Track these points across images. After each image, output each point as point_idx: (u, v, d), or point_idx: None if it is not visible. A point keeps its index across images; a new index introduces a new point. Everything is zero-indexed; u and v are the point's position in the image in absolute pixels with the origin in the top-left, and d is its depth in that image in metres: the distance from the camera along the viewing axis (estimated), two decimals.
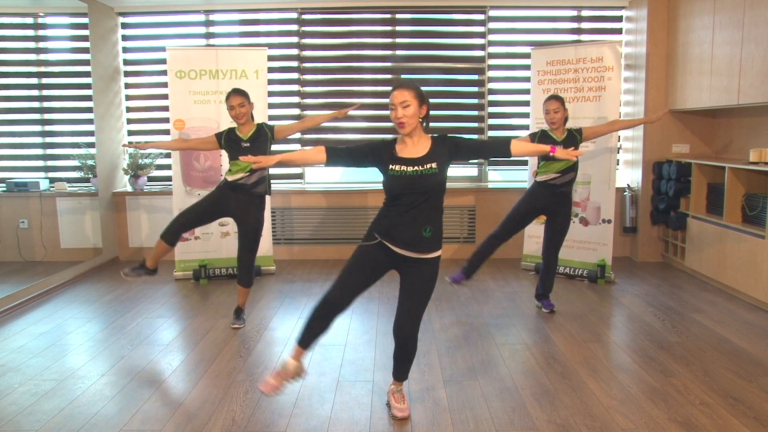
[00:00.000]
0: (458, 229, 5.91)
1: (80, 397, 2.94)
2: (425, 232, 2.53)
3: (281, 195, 5.84)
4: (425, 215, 2.52)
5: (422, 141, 2.57)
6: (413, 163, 2.51)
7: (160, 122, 5.95)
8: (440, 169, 2.52)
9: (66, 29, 5.73)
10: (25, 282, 4.67)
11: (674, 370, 3.19)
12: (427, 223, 2.53)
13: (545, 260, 4.14)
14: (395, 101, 2.48)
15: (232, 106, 3.73)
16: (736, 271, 4.48)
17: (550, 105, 3.93)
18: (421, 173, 2.49)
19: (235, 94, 3.74)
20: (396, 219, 2.53)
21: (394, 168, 2.51)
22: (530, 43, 5.72)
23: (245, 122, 3.79)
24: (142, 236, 5.93)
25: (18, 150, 5.69)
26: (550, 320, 4.02)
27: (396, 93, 2.49)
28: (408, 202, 2.51)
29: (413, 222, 2.51)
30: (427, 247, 2.57)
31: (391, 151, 2.55)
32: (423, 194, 2.50)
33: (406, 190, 2.50)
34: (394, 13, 5.91)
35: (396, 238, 2.54)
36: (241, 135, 3.80)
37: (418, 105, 2.50)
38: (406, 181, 2.49)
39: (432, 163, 2.51)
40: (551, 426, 2.62)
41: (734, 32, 4.48)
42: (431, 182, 2.50)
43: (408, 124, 2.49)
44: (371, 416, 2.73)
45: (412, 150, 2.54)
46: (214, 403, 2.86)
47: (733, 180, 4.59)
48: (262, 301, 4.52)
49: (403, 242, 2.54)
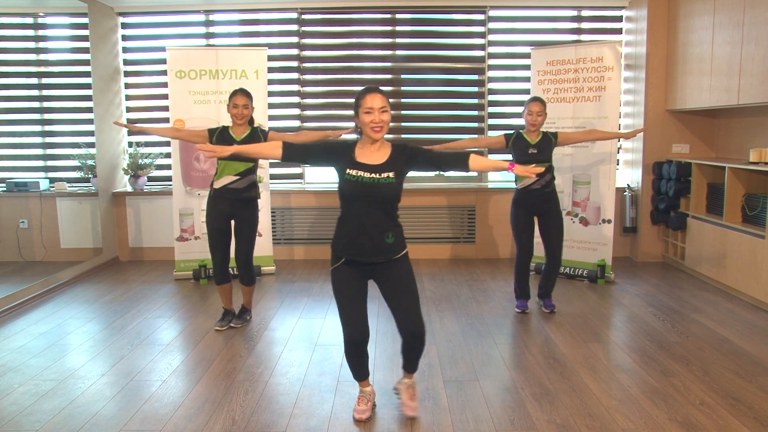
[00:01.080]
0: (458, 229, 5.91)
1: (80, 397, 2.94)
2: (387, 239, 2.53)
3: (281, 195, 5.84)
4: (383, 223, 2.52)
5: (383, 148, 2.56)
6: (371, 170, 2.50)
7: (160, 122, 5.94)
8: (397, 179, 2.52)
9: (66, 29, 5.73)
10: (25, 282, 4.67)
11: (674, 370, 3.19)
12: (387, 230, 2.53)
13: (547, 260, 4.15)
14: (375, 105, 2.47)
15: (237, 104, 3.71)
16: (736, 271, 4.48)
17: (534, 107, 3.93)
18: (377, 181, 2.49)
19: (242, 94, 3.73)
20: (354, 233, 2.52)
21: (351, 172, 2.50)
22: (530, 43, 5.73)
23: (243, 124, 3.78)
24: (142, 236, 5.93)
25: (18, 150, 5.69)
26: (550, 320, 4.02)
27: (376, 97, 2.48)
28: (362, 209, 2.50)
29: (372, 232, 2.51)
30: (392, 252, 2.56)
31: (350, 154, 2.54)
32: (379, 203, 2.50)
33: (360, 196, 2.49)
34: (394, 13, 5.91)
35: (359, 251, 2.54)
36: (234, 135, 3.78)
37: (389, 112, 2.53)
38: (361, 187, 2.48)
39: (389, 173, 2.50)
40: (551, 426, 2.62)
41: (734, 32, 4.48)
42: (386, 192, 2.49)
43: (384, 129, 2.51)
44: (371, 416, 2.73)
45: (372, 156, 2.54)
46: (214, 403, 2.86)
47: (733, 180, 4.59)
48: (262, 301, 4.52)
49: (368, 252, 2.53)
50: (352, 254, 2.55)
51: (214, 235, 3.80)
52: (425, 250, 5.88)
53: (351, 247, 2.54)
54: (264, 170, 5.24)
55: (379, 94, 2.50)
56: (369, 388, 2.78)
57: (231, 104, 3.73)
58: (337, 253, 2.60)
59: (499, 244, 5.90)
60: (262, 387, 3.04)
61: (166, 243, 5.79)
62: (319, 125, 5.90)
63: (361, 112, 2.49)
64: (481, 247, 5.93)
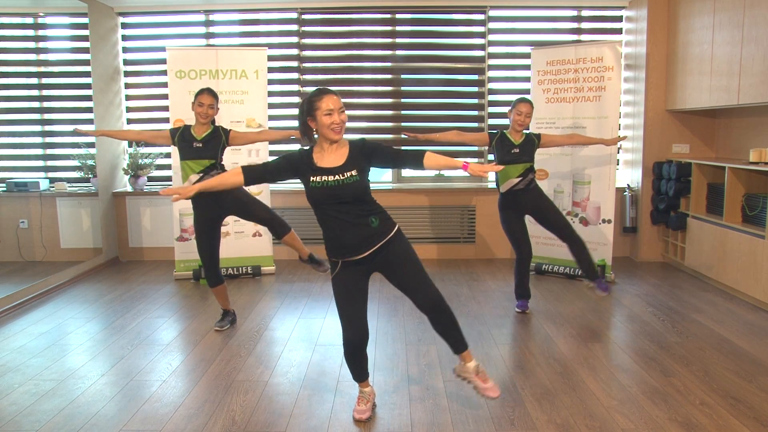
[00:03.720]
0: (458, 229, 5.91)
1: (80, 397, 2.94)
2: (372, 224, 2.53)
3: (281, 195, 5.84)
4: (362, 213, 2.52)
5: (341, 148, 2.56)
6: (333, 173, 2.49)
7: (160, 122, 5.94)
8: (360, 174, 2.51)
9: (66, 29, 5.73)
10: (25, 282, 4.67)
11: (674, 370, 3.19)
12: (368, 216, 2.53)
13: (569, 242, 4.04)
14: (335, 106, 2.49)
15: (202, 103, 3.68)
16: (736, 271, 4.48)
17: (523, 107, 3.93)
18: (342, 182, 2.48)
19: (209, 93, 3.71)
20: (339, 234, 2.52)
21: (315, 180, 2.50)
22: (530, 43, 5.73)
23: (205, 123, 3.76)
24: (142, 236, 5.93)
25: (18, 150, 5.69)
26: (550, 320, 4.02)
27: (333, 98, 2.50)
28: (336, 209, 2.50)
29: (354, 227, 2.51)
30: (382, 235, 2.55)
31: (309, 162, 2.54)
32: (350, 203, 2.50)
33: (330, 199, 2.49)
34: (394, 13, 5.91)
35: (351, 248, 2.53)
36: (195, 134, 3.75)
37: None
38: (328, 191, 2.48)
39: (352, 171, 2.50)
40: (551, 426, 2.62)
41: (734, 32, 4.48)
42: (353, 189, 2.49)
43: (343, 130, 2.53)
44: (371, 416, 2.73)
45: (331, 158, 2.53)
46: (214, 403, 2.86)
47: (733, 180, 4.59)
48: (262, 301, 4.52)
49: (359, 246, 2.53)
50: (345, 255, 2.55)
51: (201, 237, 3.76)
52: (425, 250, 5.88)
53: (341, 249, 2.54)
54: None
55: (334, 94, 2.53)
56: (369, 389, 2.78)
57: (196, 102, 3.70)
58: (332, 259, 2.60)
59: (499, 244, 5.90)
60: (262, 387, 3.04)
61: (166, 243, 5.79)
62: None
63: (320, 115, 2.49)
64: (481, 247, 5.93)
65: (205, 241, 3.76)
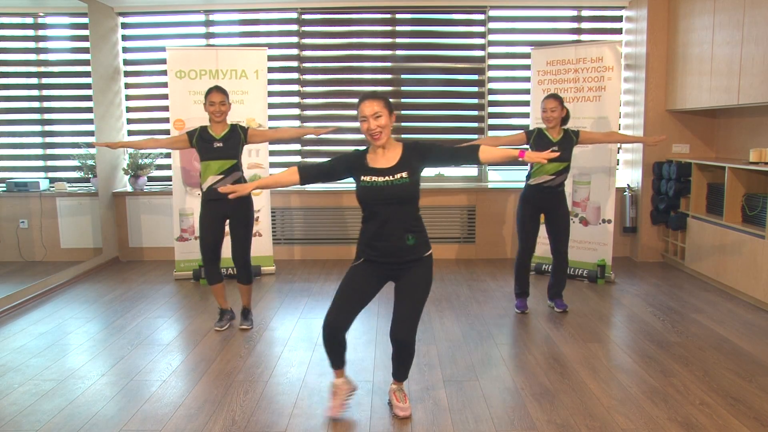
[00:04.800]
0: (458, 229, 5.91)
1: (80, 397, 2.94)
2: (408, 241, 2.54)
3: (281, 195, 5.84)
4: (403, 224, 2.53)
5: (393, 150, 2.57)
6: (384, 174, 2.51)
7: (160, 122, 5.95)
8: (411, 177, 2.53)
9: (66, 29, 5.73)
10: (25, 282, 4.67)
11: (674, 370, 3.19)
12: (408, 232, 2.54)
13: (556, 257, 4.13)
14: (367, 113, 2.48)
15: (213, 102, 3.68)
16: (736, 271, 4.48)
17: (547, 103, 3.94)
18: (392, 183, 2.50)
19: (218, 91, 3.70)
20: (376, 234, 2.54)
21: (365, 179, 2.53)
22: (530, 43, 5.72)
23: (221, 121, 3.75)
24: (142, 236, 5.93)
25: (18, 150, 5.69)
26: (550, 320, 4.02)
27: (366, 104, 2.49)
28: (382, 212, 2.51)
29: (393, 234, 2.52)
30: (414, 253, 2.58)
31: (362, 162, 2.57)
32: (396, 204, 2.51)
33: (378, 200, 2.51)
34: (394, 13, 5.91)
35: (381, 251, 2.55)
36: (213, 134, 3.75)
37: (389, 113, 2.52)
38: (377, 192, 2.50)
39: (403, 173, 2.51)
40: (551, 426, 2.62)
41: (734, 32, 4.48)
42: (403, 192, 2.51)
43: (384, 134, 2.51)
44: (371, 416, 2.73)
45: (383, 160, 2.55)
46: (214, 403, 2.86)
47: (733, 180, 4.59)
48: (262, 301, 4.52)
49: (389, 254, 2.55)
50: (371, 255, 2.58)
51: (205, 235, 3.78)
52: None
53: (371, 248, 2.57)
54: (264, 170, 5.24)
55: (372, 99, 2.50)
56: (341, 380, 2.76)
57: (207, 102, 3.70)
58: (359, 252, 2.63)
59: (499, 244, 5.90)
60: (262, 387, 3.04)
61: (166, 243, 5.79)
62: (318, 125, 5.90)
63: (361, 122, 2.52)
64: (481, 247, 5.93)
65: (210, 236, 3.77)
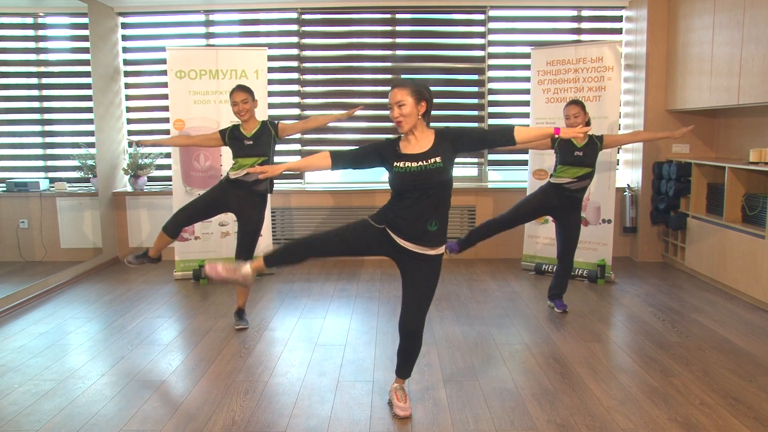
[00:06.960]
0: (458, 228, 5.91)
1: (80, 397, 2.94)
2: (431, 226, 2.56)
3: (281, 195, 5.84)
4: (431, 210, 2.55)
5: (425, 136, 2.59)
6: (417, 159, 2.53)
7: (160, 122, 5.95)
8: (444, 163, 2.54)
9: (66, 29, 5.73)
10: (25, 282, 4.67)
11: (674, 370, 3.19)
12: (433, 218, 2.56)
13: (561, 262, 4.13)
14: (392, 101, 2.54)
15: (236, 102, 3.71)
16: (736, 271, 4.48)
17: (570, 110, 3.94)
18: (425, 168, 2.51)
19: (240, 90, 3.73)
20: (402, 213, 2.56)
21: (399, 165, 2.54)
22: (530, 43, 5.72)
23: (249, 119, 3.77)
24: (143, 236, 5.93)
25: (18, 150, 5.69)
26: (550, 320, 4.02)
27: (392, 93, 2.54)
28: (414, 197, 2.53)
29: (419, 217, 2.54)
30: (431, 242, 2.59)
31: (395, 149, 2.59)
32: (428, 189, 2.52)
33: (411, 186, 2.52)
34: (394, 13, 5.91)
35: (401, 230, 2.57)
36: (244, 132, 3.78)
37: (415, 102, 2.52)
38: (410, 177, 2.52)
39: (436, 158, 2.53)
40: (551, 426, 2.62)
41: (734, 32, 4.48)
42: (436, 177, 2.52)
43: (405, 123, 2.53)
44: (371, 416, 2.73)
45: (416, 146, 2.57)
46: (214, 403, 2.86)
47: (733, 180, 4.59)
48: (262, 301, 4.52)
49: (408, 235, 2.57)
50: (392, 231, 2.58)
51: (195, 203, 3.83)
52: None
53: (394, 225, 2.57)
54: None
55: (397, 88, 2.54)
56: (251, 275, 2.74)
57: (231, 103, 3.75)
58: (381, 217, 2.62)
59: (499, 244, 5.89)
60: (262, 387, 3.04)
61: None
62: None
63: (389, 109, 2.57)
64: (480, 247, 5.91)
65: (199, 203, 3.82)
